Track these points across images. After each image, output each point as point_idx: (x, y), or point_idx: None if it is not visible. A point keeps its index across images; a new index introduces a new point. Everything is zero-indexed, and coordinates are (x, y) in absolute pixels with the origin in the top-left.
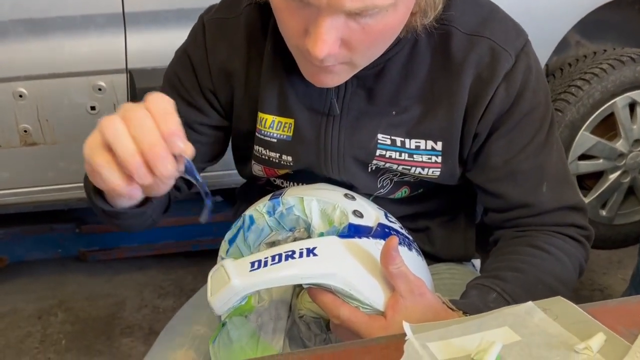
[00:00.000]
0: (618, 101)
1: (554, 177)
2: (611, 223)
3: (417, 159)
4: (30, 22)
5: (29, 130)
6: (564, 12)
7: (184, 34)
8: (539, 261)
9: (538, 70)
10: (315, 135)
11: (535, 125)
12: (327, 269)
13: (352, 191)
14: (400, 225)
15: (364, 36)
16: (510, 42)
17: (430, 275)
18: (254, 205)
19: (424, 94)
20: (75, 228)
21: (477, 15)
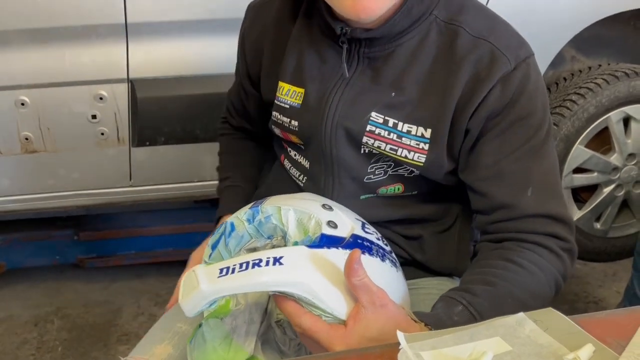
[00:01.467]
0: (612, 116)
1: (541, 185)
2: (606, 236)
3: (405, 142)
4: (34, 32)
5: (30, 138)
6: (560, 27)
7: (185, 45)
8: (510, 275)
9: (538, 82)
10: (318, 104)
11: (528, 131)
12: (290, 278)
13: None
14: (378, 237)
15: None
16: (512, 50)
17: (405, 287)
18: (236, 212)
19: (424, 81)
20: (74, 235)
21: (486, 23)
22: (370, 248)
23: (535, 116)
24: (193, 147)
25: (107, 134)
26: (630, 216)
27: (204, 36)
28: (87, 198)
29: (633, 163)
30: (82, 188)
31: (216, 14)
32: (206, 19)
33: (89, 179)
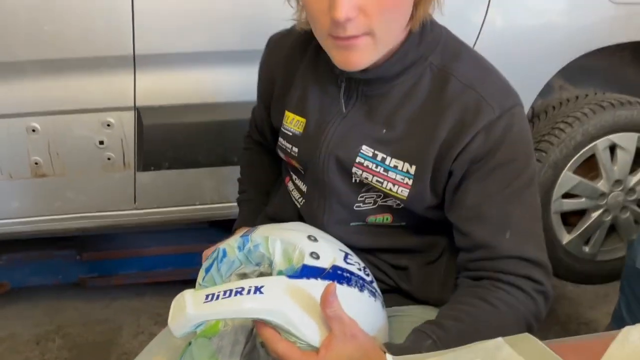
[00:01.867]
0: (599, 143)
1: (520, 228)
2: (594, 259)
3: (390, 176)
4: (46, 63)
5: (39, 162)
6: (549, 59)
7: (189, 75)
8: (481, 314)
9: (521, 130)
10: (316, 134)
11: (510, 177)
12: (269, 307)
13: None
14: (360, 267)
15: (378, 5)
16: (497, 99)
17: (383, 316)
18: (228, 240)
19: (413, 121)
20: (76, 255)
21: (477, 73)
22: (349, 279)
23: (517, 163)
24: (195, 172)
25: (113, 158)
26: (618, 240)
27: (207, 67)
28: (93, 220)
29: (619, 189)
30: (88, 210)
31: (218, 47)
32: (209, 51)
33: (95, 202)
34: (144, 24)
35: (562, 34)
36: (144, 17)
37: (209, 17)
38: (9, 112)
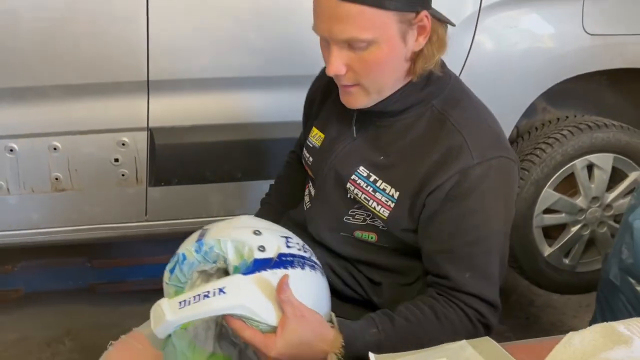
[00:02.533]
0: (577, 163)
1: (480, 271)
2: (574, 270)
3: (377, 196)
4: (68, 87)
5: (59, 178)
6: (532, 83)
7: (198, 99)
8: (427, 323)
9: (498, 181)
10: (327, 149)
11: (478, 223)
12: (232, 303)
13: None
14: (300, 247)
15: (362, 64)
16: (480, 148)
17: (323, 281)
18: (185, 244)
19: (406, 152)
20: (87, 262)
21: (471, 120)
22: (292, 262)
23: (488, 212)
24: (202, 188)
25: (127, 175)
26: (596, 253)
27: (214, 92)
28: (106, 231)
29: (597, 205)
30: (103, 222)
31: (224, 74)
32: (216, 78)
33: (109, 214)
34: (158, 53)
35: (544, 60)
36: (158, 47)
37: (216, 47)
38: (33, 132)
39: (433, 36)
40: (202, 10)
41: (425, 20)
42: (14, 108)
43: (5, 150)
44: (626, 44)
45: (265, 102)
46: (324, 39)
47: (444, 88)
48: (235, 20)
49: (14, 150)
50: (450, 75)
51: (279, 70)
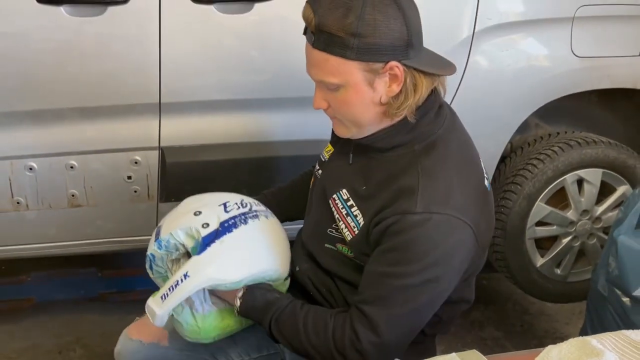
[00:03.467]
0: (568, 178)
1: (386, 304)
2: (565, 280)
3: (347, 220)
4: (84, 110)
5: (75, 194)
6: (526, 101)
7: (207, 119)
8: (315, 326)
9: (432, 237)
10: (328, 167)
11: (404, 271)
12: (199, 281)
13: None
14: (238, 205)
15: (335, 102)
16: (426, 200)
17: (271, 222)
18: (150, 245)
19: (380, 185)
20: (97, 272)
21: (433, 171)
22: (235, 223)
23: (415, 264)
24: None
25: (139, 191)
26: (587, 263)
27: (222, 112)
28: (119, 244)
29: (587, 218)
30: (116, 235)
31: (233, 96)
32: (223, 100)
33: (122, 228)
34: (169, 77)
35: (535, 81)
36: (169, 72)
37: (224, 70)
38: (51, 151)
39: (407, 84)
40: (212, 36)
41: (396, 70)
42: (33, 129)
43: (25, 169)
44: (613, 66)
45: (271, 122)
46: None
47: (430, 135)
48: (243, 44)
49: (33, 169)
50: (442, 125)
51: (284, 92)
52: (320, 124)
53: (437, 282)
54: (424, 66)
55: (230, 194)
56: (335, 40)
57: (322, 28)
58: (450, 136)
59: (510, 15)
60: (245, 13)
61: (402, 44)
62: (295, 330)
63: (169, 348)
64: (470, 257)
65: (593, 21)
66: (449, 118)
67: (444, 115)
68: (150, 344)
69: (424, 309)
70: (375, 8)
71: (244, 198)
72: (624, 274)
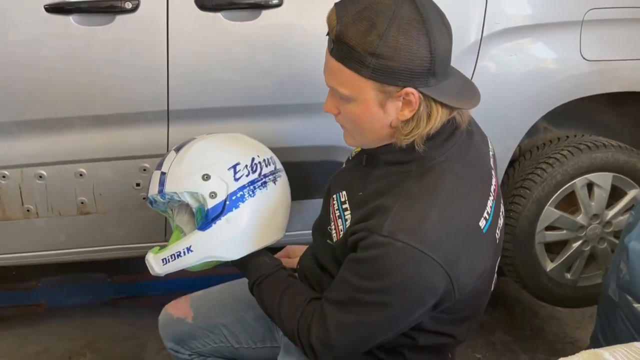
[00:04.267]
0: (577, 182)
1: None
2: (576, 285)
3: (338, 222)
4: (93, 118)
5: (85, 202)
6: (534, 105)
7: (215, 126)
8: (292, 309)
9: (392, 264)
10: (347, 166)
11: (355, 282)
12: (199, 257)
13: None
14: (248, 169)
15: (345, 113)
16: (395, 225)
17: (279, 190)
18: (151, 187)
19: (371, 197)
20: (108, 278)
21: (414, 199)
22: (242, 196)
23: (370, 282)
24: None
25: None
26: (597, 268)
27: (230, 119)
28: (128, 251)
29: (597, 222)
30: (124, 242)
31: (240, 103)
32: (230, 107)
33: (130, 235)
34: (177, 85)
35: (544, 85)
36: (177, 80)
37: (232, 78)
38: (61, 159)
39: (421, 113)
40: (219, 43)
41: (411, 97)
42: (42, 138)
43: (35, 177)
44: (622, 69)
45: (280, 129)
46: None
47: (429, 161)
48: (250, 51)
49: (43, 177)
50: (445, 152)
51: (293, 99)
52: (330, 131)
53: (389, 308)
54: (443, 97)
55: (242, 149)
56: (352, 54)
57: (342, 38)
58: (451, 166)
59: (518, 19)
60: (252, 20)
61: (423, 71)
62: (271, 302)
63: (192, 325)
64: (437, 295)
65: (602, 24)
66: (461, 146)
67: (454, 143)
68: (177, 318)
69: (374, 328)
70: (400, 30)
71: (255, 155)
72: (635, 280)
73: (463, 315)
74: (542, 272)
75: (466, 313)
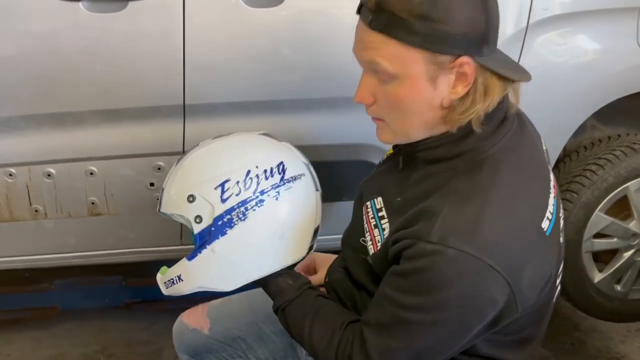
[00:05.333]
0: (631, 185)
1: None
2: (626, 297)
3: (374, 232)
4: (104, 112)
5: (95, 202)
6: (584, 102)
7: (234, 123)
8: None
9: (441, 275)
10: (379, 170)
11: (403, 302)
12: (190, 287)
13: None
14: (241, 186)
15: (385, 97)
16: (446, 230)
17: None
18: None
19: (411, 203)
20: (122, 281)
21: (466, 197)
22: (230, 222)
23: (417, 298)
24: None
25: None
26: None
27: (251, 115)
28: (142, 255)
29: None
30: (138, 246)
31: (262, 97)
32: (252, 101)
33: (145, 238)
34: (193, 77)
35: (595, 79)
36: (193, 73)
37: (252, 70)
38: (70, 157)
39: (478, 87)
40: (239, 32)
41: (466, 68)
42: (51, 133)
43: (44, 175)
44: None
45: (303, 125)
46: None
47: (479, 153)
48: (274, 40)
49: (52, 175)
50: (498, 142)
51: (318, 93)
52: (358, 127)
53: (441, 328)
54: (500, 68)
55: (238, 159)
56: (397, 22)
57: (384, 6)
58: (506, 157)
59: (568, 5)
60: (275, 7)
61: (478, 37)
62: (300, 329)
63: (209, 337)
64: (497, 310)
65: None
66: (514, 135)
67: (506, 131)
68: (193, 329)
69: (423, 354)
70: None
71: (253, 166)
72: None
73: (523, 336)
74: (589, 283)
75: (527, 333)
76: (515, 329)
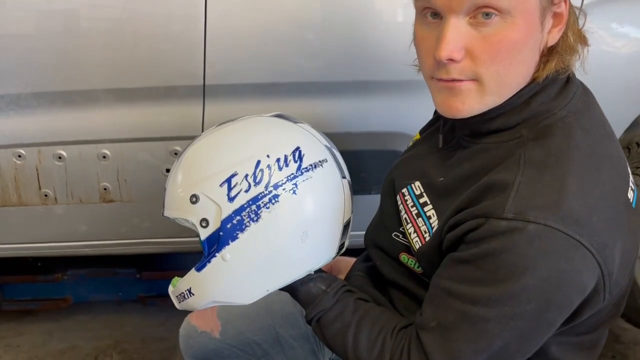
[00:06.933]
0: None
1: (445, 329)
2: None
3: (418, 223)
4: (120, 91)
5: (108, 188)
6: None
7: (258, 105)
8: (377, 346)
9: (520, 262)
10: (409, 154)
11: (466, 291)
12: (203, 302)
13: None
14: (251, 180)
15: (485, 46)
16: (523, 204)
17: (293, 203)
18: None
19: (463, 181)
20: (136, 274)
21: (542, 165)
22: (240, 224)
23: (491, 288)
24: None
25: None
26: None
27: (275, 98)
28: (157, 246)
29: None
30: (153, 236)
31: (286, 78)
32: (276, 82)
33: (160, 228)
34: (215, 56)
35: None
36: (215, 50)
37: (277, 50)
38: (82, 138)
39: (568, 30)
40: (262, 11)
41: (562, 7)
42: (63, 113)
43: (54, 158)
44: None
45: (330, 110)
46: (434, 14)
47: (546, 117)
48: (298, 21)
49: (62, 158)
50: (565, 105)
51: (347, 76)
52: (389, 114)
53: (521, 322)
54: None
55: (247, 148)
56: None
57: None
58: (577, 121)
59: None
60: None
61: None
62: (342, 340)
63: (219, 341)
64: (583, 295)
65: None
66: (580, 97)
67: (572, 92)
68: (203, 332)
69: (499, 355)
70: None
71: (264, 155)
72: None
73: (594, 338)
74: (638, 291)
75: (598, 334)
76: (591, 325)
